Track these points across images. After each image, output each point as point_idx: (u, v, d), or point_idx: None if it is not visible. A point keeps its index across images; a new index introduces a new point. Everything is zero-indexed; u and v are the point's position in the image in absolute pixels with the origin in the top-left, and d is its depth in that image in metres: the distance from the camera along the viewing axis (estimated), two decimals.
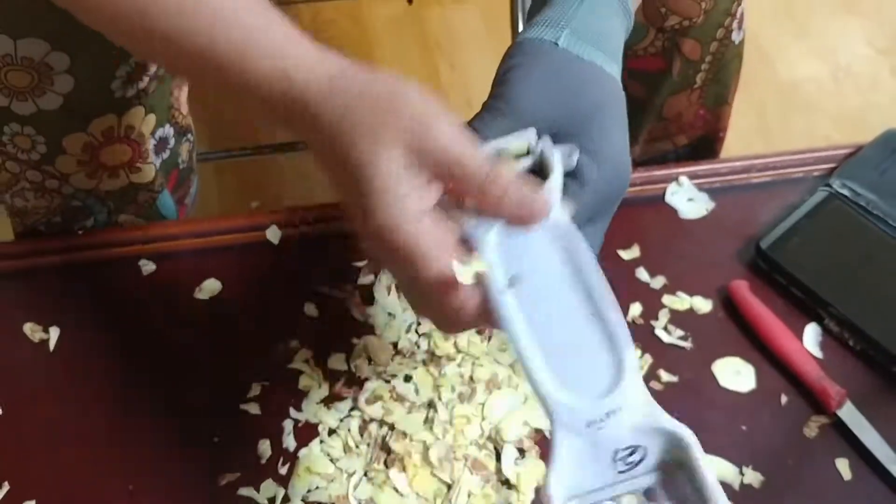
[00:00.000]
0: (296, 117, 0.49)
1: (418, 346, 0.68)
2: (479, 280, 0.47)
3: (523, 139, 0.51)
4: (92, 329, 0.70)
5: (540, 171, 0.51)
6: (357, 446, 0.64)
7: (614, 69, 0.55)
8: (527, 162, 0.51)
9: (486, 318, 0.47)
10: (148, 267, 0.73)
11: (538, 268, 0.48)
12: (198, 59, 0.50)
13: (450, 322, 0.49)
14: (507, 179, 0.47)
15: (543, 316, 0.46)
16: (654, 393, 0.66)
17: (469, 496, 0.62)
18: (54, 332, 0.70)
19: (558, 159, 0.51)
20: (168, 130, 0.81)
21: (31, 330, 0.70)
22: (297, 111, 0.49)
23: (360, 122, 0.47)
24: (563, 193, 0.51)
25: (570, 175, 0.51)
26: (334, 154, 0.48)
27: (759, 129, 1.52)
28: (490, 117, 0.52)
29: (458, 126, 0.48)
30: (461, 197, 0.49)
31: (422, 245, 0.46)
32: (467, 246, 0.48)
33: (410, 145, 0.46)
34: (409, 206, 0.46)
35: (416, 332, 0.69)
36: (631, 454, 0.45)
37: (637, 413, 0.45)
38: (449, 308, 0.47)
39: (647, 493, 0.45)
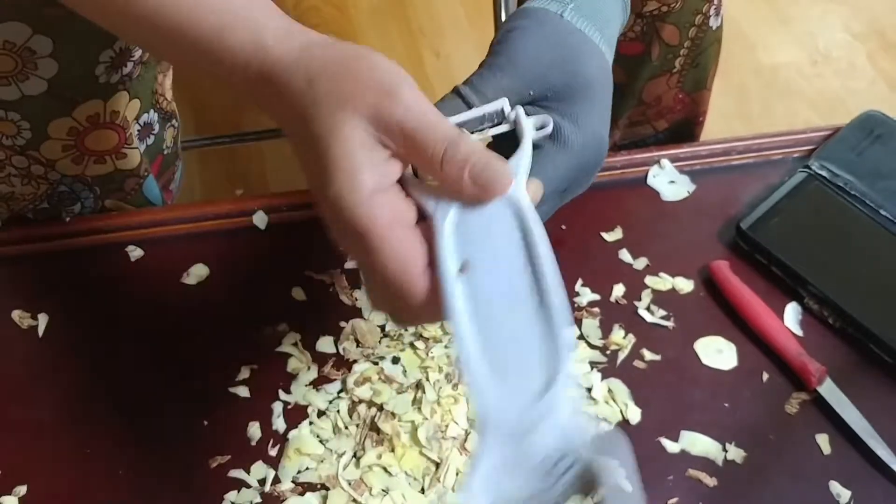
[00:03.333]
0: (268, 90, 0.48)
1: (405, 329, 0.69)
2: (432, 266, 0.45)
3: (495, 106, 0.50)
4: (80, 315, 0.71)
5: (513, 141, 0.50)
6: (346, 427, 0.65)
7: (608, 53, 0.56)
8: (500, 129, 0.50)
9: (434, 306, 0.45)
10: (136, 253, 0.74)
11: (493, 252, 0.45)
12: (176, 34, 0.50)
13: (400, 311, 0.47)
14: (469, 150, 0.45)
15: (490, 305, 0.44)
16: (637, 372, 0.68)
17: (457, 474, 0.62)
18: (42, 319, 0.70)
19: (529, 129, 0.50)
20: (153, 116, 0.81)
21: (19, 317, 0.70)
22: (267, 82, 0.48)
23: (322, 93, 0.46)
24: (538, 153, 0.50)
25: (551, 138, 0.51)
26: (298, 126, 0.47)
27: (739, 114, 1.54)
28: (489, 73, 0.52)
29: (421, 96, 0.46)
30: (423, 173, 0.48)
31: (375, 223, 0.44)
32: (429, 226, 0.46)
33: (372, 115, 0.45)
34: (366, 180, 0.44)
35: None
36: (558, 463, 0.42)
37: (566, 420, 0.42)
38: (397, 292, 0.45)
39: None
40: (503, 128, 0.50)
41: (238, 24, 0.49)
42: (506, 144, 0.52)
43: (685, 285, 0.72)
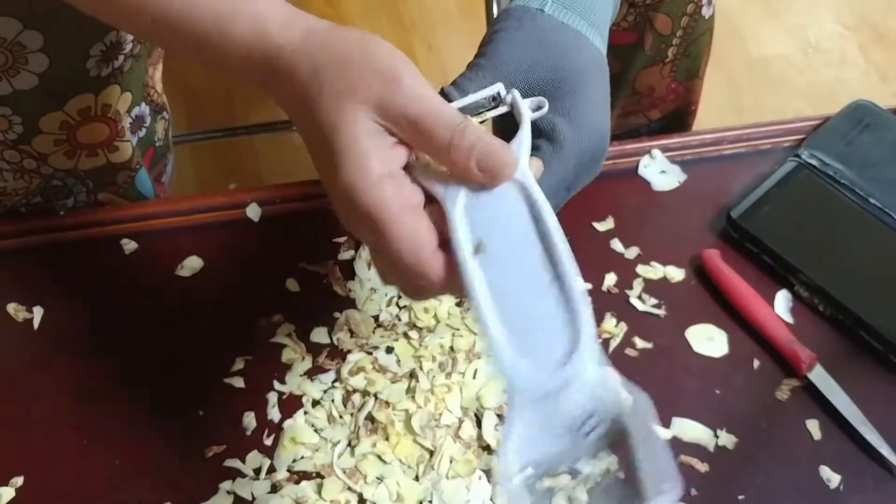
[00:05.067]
0: (272, 78, 0.49)
1: (399, 319, 0.69)
2: (445, 246, 0.46)
3: (492, 91, 0.51)
4: (75, 308, 0.71)
5: (511, 125, 0.51)
6: (341, 416, 0.65)
7: (598, 40, 0.56)
8: (498, 111, 0.51)
9: (451, 283, 0.46)
10: (130, 246, 0.74)
11: (505, 231, 0.47)
12: (176, 24, 0.50)
13: (415, 288, 0.48)
14: (475, 135, 0.46)
15: (507, 282, 0.46)
16: (629, 359, 0.68)
17: (451, 462, 0.63)
18: (38, 312, 0.70)
19: (527, 110, 0.50)
20: (144, 109, 0.81)
21: (14, 310, 0.71)
22: (273, 72, 0.48)
23: (328, 80, 0.46)
24: (536, 155, 0.51)
25: (546, 137, 0.52)
26: (305, 113, 0.48)
27: (731, 106, 1.54)
28: (474, 74, 0.53)
29: (423, 83, 0.47)
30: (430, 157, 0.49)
31: (386, 208, 0.45)
32: (436, 209, 0.48)
33: (377, 104, 0.46)
34: (374, 167, 0.45)
35: (398, 305, 0.70)
36: (586, 422, 0.44)
37: (593, 381, 0.44)
38: (414, 273, 0.46)
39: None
40: (501, 110, 0.51)
41: (238, 12, 0.49)
42: (505, 128, 0.53)
43: (676, 274, 0.73)
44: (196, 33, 0.50)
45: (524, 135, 0.50)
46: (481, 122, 0.51)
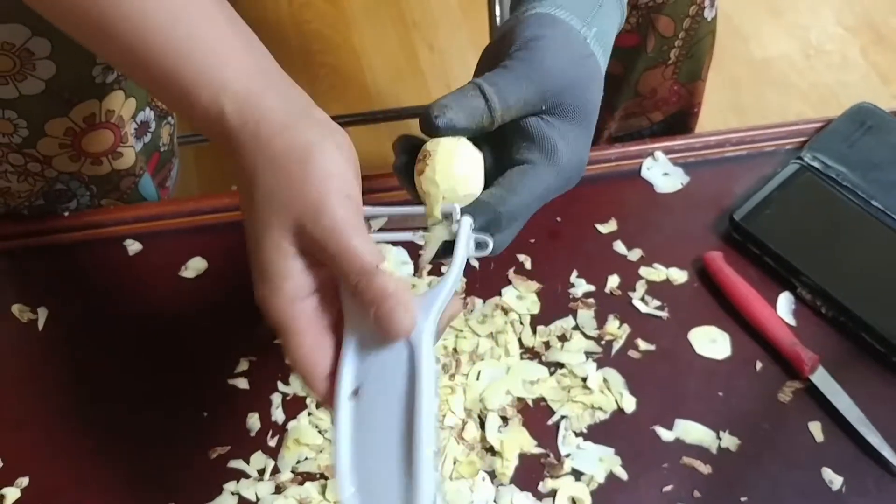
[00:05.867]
0: (227, 151, 0.50)
1: None
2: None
3: (448, 210, 0.50)
4: (80, 308, 0.71)
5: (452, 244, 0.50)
6: None
7: (604, 64, 0.56)
8: (447, 227, 0.50)
9: (330, 406, 0.48)
10: (134, 247, 0.74)
11: (383, 385, 0.47)
12: (147, 77, 0.51)
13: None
14: (379, 289, 0.46)
15: (370, 433, 0.47)
16: (632, 361, 0.69)
17: (455, 463, 0.63)
18: (42, 313, 0.71)
19: (464, 251, 0.50)
20: (148, 114, 0.81)
21: (19, 311, 0.71)
22: (227, 147, 0.50)
23: (264, 188, 0.48)
24: (528, 166, 0.51)
25: (546, 154, 0.52)
26: (243, 205, 0.50)
27: (733, 107, 1.54)
28: (514, 78, 0.52)
29: (351, 212, 0.47)
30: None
31: (291, 328, 0.47)
32: (340, 330, 0.49)
33: (299, 230, 0.47)
34: (288, 286, 0.47)
35: None
36: None
37: None
38: (304, 383, 0.49)
39: None
40: (443, 230, 0.51)
41: (204, 81, 0.50)
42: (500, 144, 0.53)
43: (679, 276, 0.73)
44: (166, 88, 0.51)
45: (446, 285, 0.48)
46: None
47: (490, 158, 0.53)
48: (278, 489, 0.63)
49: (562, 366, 0.68)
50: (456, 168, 0.50)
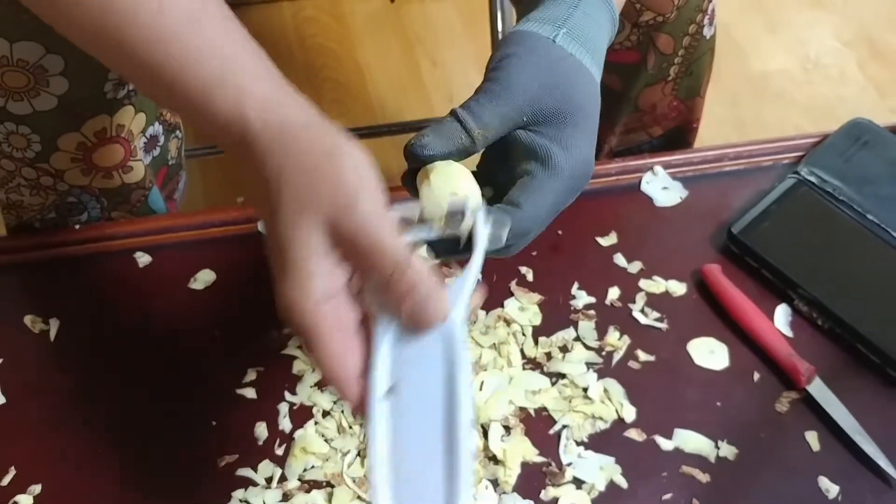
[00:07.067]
0: (246, 157, 0.50)
1: None
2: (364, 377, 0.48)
3: (459, 206, 0.51)
4: (91, 319, 0.72)
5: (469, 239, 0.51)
6: (350, 427, 0.67)
7: (597, 73, 0.58)
8: (459, 224, 0.51)
9: (363, 411, 0.48)
10: (143, 259, 0.75)
11: (420, 378, 0.48)
12: (168, 83, 0.51)
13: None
14: (414, 278, 0.47)
15: (408, 429, 0.47)
16: (632, 372, 0.70)
17: None
18: (54, 324, 0.72)
19: (484, 239, 0.51)
20: (157, 128, 0.82)
21: (31, 321, 0.72)
22: (246, 151, 0.50)
23: (290, 186, 0.48)
24: (529, 178, 0.53)
25: (541, 162, 0.54)
26: (265, 210, 0.49)
27: (732, 121, 1.56)
28: (486, 99, 0.54)
29: (381, 207, 0.48)
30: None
31: (318, 332, 0.47)
32: (369, 329, 0.49)
33: (330, 224, 0.47)
34: (316, 286, 0.47)
35: None
36: None
37: None
38: (335, 391, 0.49)
39: None
40: (460, 223, 0.51)
41: (224, 85, 0.50)
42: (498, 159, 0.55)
43: (678, 288, 0.74)
44: (183, 96, 0.51)
45: (472, 273, 0.49)
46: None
47: (502, 179, 0.56)
48: (285, 497, 0.64)
49: (563, 376, 0.69)
50: (451, 185, 0.52)
